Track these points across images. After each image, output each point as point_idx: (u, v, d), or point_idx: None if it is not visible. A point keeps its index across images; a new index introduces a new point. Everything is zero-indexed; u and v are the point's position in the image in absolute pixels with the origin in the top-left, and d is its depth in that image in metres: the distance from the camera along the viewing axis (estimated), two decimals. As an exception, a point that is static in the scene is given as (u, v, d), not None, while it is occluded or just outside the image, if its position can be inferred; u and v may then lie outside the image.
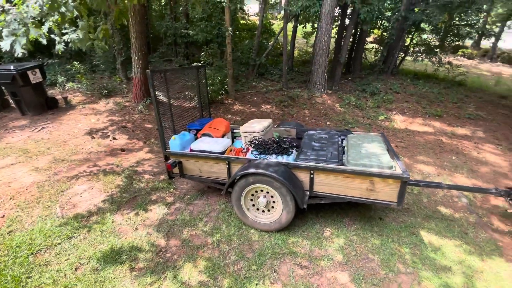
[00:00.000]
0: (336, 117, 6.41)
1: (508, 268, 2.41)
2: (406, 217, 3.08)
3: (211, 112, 6.48)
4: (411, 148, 5.10)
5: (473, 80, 9.91)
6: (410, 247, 2.61)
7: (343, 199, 2.59)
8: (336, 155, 2.71)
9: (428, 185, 2.83)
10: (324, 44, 6.94)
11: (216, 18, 9.75)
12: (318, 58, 7.16)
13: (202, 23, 9.46)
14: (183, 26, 10.55)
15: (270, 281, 2.18)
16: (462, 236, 2.80)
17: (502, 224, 3.04)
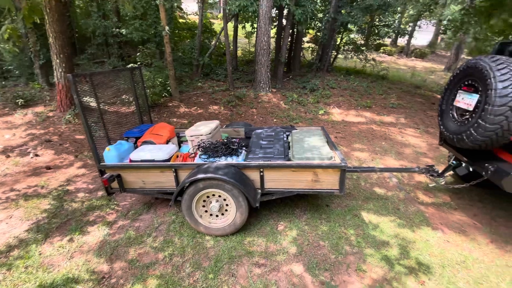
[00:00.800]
0: (281, 114, 6.66)
1: (435, 235, 2.82)
2: (349, 201, 3.37)
3: (153, 116, 6.07)
4: (348, 137, 5.61)
5: (393, 74, 11.43)
6: (354, 228, 2.86)
7: (292, 192, 2.69)
8: (283, 151, 2.80)
9: (364, 170, 3.14)
10: (264, 44, 7.12)
11: (151, 16, 9.16)
12: (260, 58, 7.32)
13: (136, 21, 8.78)
14: (115, 25, 9.63)
15: (229, 286, 2.13)
16: (395, 212, 3.19)
17: (426, 197, 3.56)
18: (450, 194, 3.62)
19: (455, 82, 2.93)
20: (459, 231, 2.88)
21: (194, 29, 11.95)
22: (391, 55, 17.52)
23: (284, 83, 9.07)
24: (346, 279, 2.23)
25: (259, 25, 7.06)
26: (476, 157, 2.81)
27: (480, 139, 2.51)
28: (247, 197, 2.44)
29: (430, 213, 3.20)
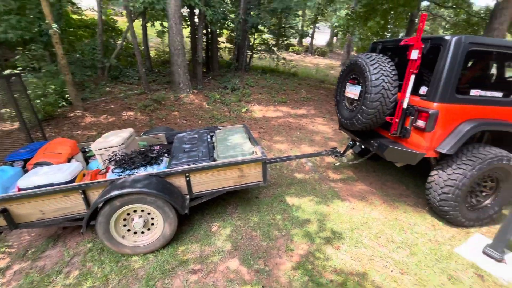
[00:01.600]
0: (206, 115, 6.60)
1: (344, 205, 3.34)
2: (275, 189, 3.65)
3: (50, 131, 5.09)
4: (269, 131, 6.02)
5: (302, 71, 12.80)
6: (281, 213, 3.12)
7: (221, 192, 2.73)
8: (207, 152, 2.80)
9: (282, 159, 3.45)
10: (178, 44, 6.87)
11: (33, 11, 7.55)
12: (176, 58, 7.03)
13: (11, 17, 7.08)
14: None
15: (164, 301, 2.03)
16: (313, 191, 3.63)
17: (335, 174, 4.17)
18: (352, 169, 4.35)
19: (344, 76, 3.51)
20: (361, 198, 3.51)
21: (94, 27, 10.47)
22: (298, 54, 19.53)
23: (205, 83, 8.98)
24: (277, 261, 2.43)
25: (170, 25, 6.75)
26: (365, 137, 3.46)
27: (365, 122, 3.10)
28: (174, 205, 2.35)
29: (339, 187, 3.77)
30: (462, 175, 2.68)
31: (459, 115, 2.69)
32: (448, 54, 2.56)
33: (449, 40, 2.57)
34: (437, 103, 2.65)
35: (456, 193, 2.73)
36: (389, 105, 2.94)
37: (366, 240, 2.73)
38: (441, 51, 2.63)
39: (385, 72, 2.89)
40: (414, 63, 2.70)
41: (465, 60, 2.57)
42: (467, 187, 2.73)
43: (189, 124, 6.12)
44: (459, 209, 2.81)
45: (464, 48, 2.53)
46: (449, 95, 2.61)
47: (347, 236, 2.78)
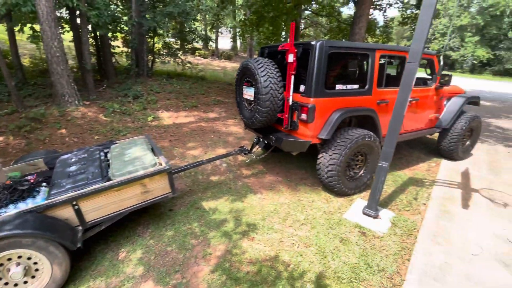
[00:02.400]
0: (103, 129, 5.84)
1: (256, 197, 3.57)
2: (190, 197, 3.59)
3: None
4: (182, 138, 5.85)
5: (210, 74, 12.91)
6: (197, 220, 3.09)
7: (124, 213, 2.50)
8: (99, 172, 2.50)
9: (193, 165, 3.43)
10: (55, 50, 5.79)
11: None
12: (56, 67, 5.91)
13: None
14: None
15: None
16: (228, 191, 3.74)
17: (248, 171, 4.41)
18: (262, 163, 4.71)
19: (239, 79, 3.75)
20: (270, 188, 3.84)
21: None
22: (205, 57, 19.58)
23: (101, 93, 7.91)
24: (195, 269, 2.41)
25: (43, 29, 5.61)
26: (266, 132, 3.80)
27: (262, 119, 3.40)
28: (61, 242, 2.00)
29: (252, 182, 4.02)
30: (339, 154, 3.29)
31: (330, 107, 3.28)
32: (315, 56, 3.08)
33: (314, 45, 3.10)
34: (312, 98, 3.16)
35: (337, 170, 3.33)
36: (279, 103, 3.31)
37: (276, 225, 3.02)
38: (310, 55, 3.14)
39: (271, 74, 3.24)
40: (292, 66, 3.13)
41: (328, 60, 3.15)
42: (344, 163, 3.37)
43: (83, 142, 5.29)
44: (342, 181, 3.45)
45: (326, 51, 3.10)
46: (320, 90, 3.15)
47: (260, 225, 3.00)
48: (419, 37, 2.40)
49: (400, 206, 3.48)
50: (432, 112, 4.57)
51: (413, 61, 2.48)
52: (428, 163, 5.01)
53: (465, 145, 5.16)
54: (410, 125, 4.31)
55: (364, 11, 7.53)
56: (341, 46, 3.27)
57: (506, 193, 3.94)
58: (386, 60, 3.70)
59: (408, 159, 5.12)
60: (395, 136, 2.76)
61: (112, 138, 5.51)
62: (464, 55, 34.39)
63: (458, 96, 4.85)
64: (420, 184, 4.14)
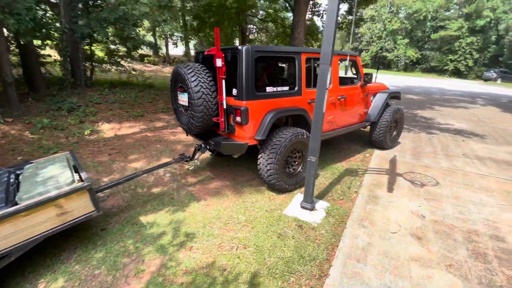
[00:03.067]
0: (28, 147, 5.20)
1: (199, 205, 3.51)
2: (127, 213, 3.37)
3: None
4: (123, 150, 5.49)
5: (160, 81, 12.43)
6: (133, 237, 2.92)
7: (39, 240, 2.24)
8: (3, 198, 2.21)
9: (126, 179, 3.24)
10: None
11: None
12: (-40, 81, 5.11)
13: None
14: None
15: None
16: (170, 202, 3.61)
17: (194, 178, 4.31)
18: (210, 168, 4.66)
19: (173, 85, 3.67)
20: (215, 194, 3.81)
21: None
22: (156, 64, 18.82)
23: (28, 107, 7.09)
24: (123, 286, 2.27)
25: None
26: (206, 137, 3.77)
27: (198, 125, 3.38)
28: None
29: (197, 189, 3.95)
30: (275, 153, 3.41)
31: (262, 108, 3.39)
32: (242, 61, 3.16)
33: (241, 49, 3.18)
34: (245, 101, 3.23)
35: (275, 168, 3.45)
36: (213, 108, 3.32)
37: (217, 230, 3.00)
38: (238, 59, 3.22)
39: (202, 79, 3.24)
40: (221, 70, 3.17)
41: (255, 64, 3.26)
42: (282, 161, 3.50)
43: (3, 164, 4.64)
44: (281, 179, 3.58)
45: (252, 55, 3.20)
46: (251, 93, 3.24)
47: (200, 233, 2.95)
48: (327, 40, 2.62)
49: (335, 196, 3.73)
50: (360, 107, 5.02)
51: (324, 62, 2.70)
52: (363, 154, 5.49)
53: (392, 135, 5.77)
54: (342, 121, 4.68)
55: (301, 17, 8.00)
56: (267, 50, 3.41)
57: (424, 174, 4.50)
58: (312, 62, 3.96)
59: (346, 152, 5.54)
60: (318, 132, 2.96)
61: (39, 157, 4.94)
62: (397, 56, 38.69)
63: (382, 92, 5.41)
64: (354, 173, 4.50)
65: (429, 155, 5.50)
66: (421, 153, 5.58)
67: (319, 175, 4.41)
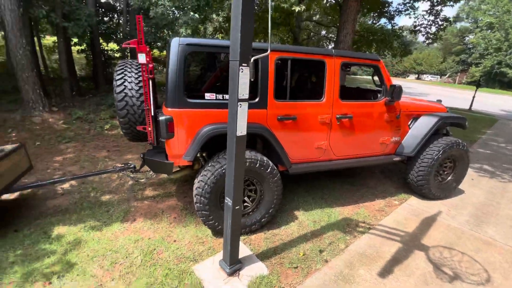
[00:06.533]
0: (50, 135, 5.81)
1: (120, 227, 2.95)
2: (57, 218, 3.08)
3: None
4: (123, 149, 5.51)
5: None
6: (25, 248, 2.57)
7: None
8: None
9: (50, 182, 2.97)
10: (21, 57, 6.05)
11: None
12: (21, 74, 6.17)
13: None
14: None
15: None
16: (100, 216, 3.16)
17: (154, 191, 3.79)
18: (178, 183, 4.07)
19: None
20: (152, 217, 3.17)
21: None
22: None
23: (84, 101, 8.18)
24: None
25: (9, 38, 5.94)
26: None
27: (125, 131, 2.84)
28: None
29: (138, 207, 3.40)
30: (204, 182, 2.52)
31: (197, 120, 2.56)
32: (169, 56, 2.44)
33: (169, 41, 2.47)
34: (170, 108, 2.50)
35: (203, 201, 2.56)
36: (138, 113, 2.72)
37: (98, 269, 2.35)
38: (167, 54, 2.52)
39: (129, 78, 2.69)
40: (146, 68, 2.54)
41: (187, 62, 2.48)
42: (215, 194, 2.58)
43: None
44: (214, 216, 2.65)
45: (183, 50, 2.43)
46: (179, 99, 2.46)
47: (78, 267, 2.36)
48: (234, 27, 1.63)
49: (289, 260, 2.53)
50: (384, 133, 3.49)
51: (235, 58, 1.70)
52: (390, 200, 3.84)
53: (444, 181, 3.87)
54: (346, 150, 3.31)
55: (349, 16, 6.59)
56: (206, 44, 2.58)
57: (471, 257, 2.68)
58: (291, 64, 2.85)
59: (367, 191, 4.01)
60: (232, 163, 1.94)
61: (51, 145, 5.43)
62: (525, 72, 29.45)
63: (428, 115, 3.68)
64: (350, 228, 3.08)
65: (504, 222, 3.40)
66: (490, 216, 3.52)
67: (296, 217, 3.20)
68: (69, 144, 5.52)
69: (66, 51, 7.75)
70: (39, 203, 3.43)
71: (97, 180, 4.06)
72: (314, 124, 2.95)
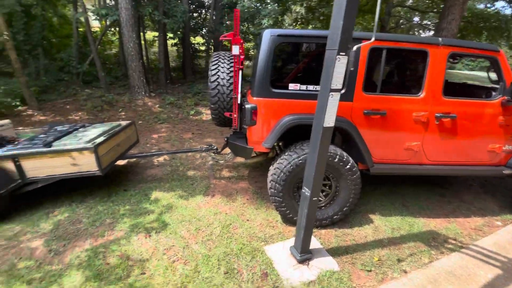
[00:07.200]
0: (149, 116, 6.89)
1: (202, 200, 3.34)
2: (150, 183, 3.73)
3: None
4: (204, 133, 6.13)
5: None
6: (132, 205, 3.20)
7: (55, 178, 2.91)
8: (47, 141, 2.98)
9: (150, 155, 3.56)
10: (131, 49, 7.31)
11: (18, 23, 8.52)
12: (131, 63, 7.48)
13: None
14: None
15: None
16: (186, 187, 3.66)
17: (229, 173, 4.15)
18: (250, 168, 4.32)
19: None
20: (227, 195, 3.48)
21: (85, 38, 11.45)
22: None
23: (174, 88, 9.38)
24: (78, 244, 2.52)
25: (123, 32, 7.24)
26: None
27: (214, 117, 3.17)
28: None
29: (216, 184, 3.77)
30: (280, 169, 2.61)
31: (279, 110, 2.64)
32: (260, 47, 2.57)
33: (262, 33, 2.58)
34: (255, 97, 2.65)
35: (277, 188, 2.66)
36: (227, 100, 2.97)
37: (185, 232, 2.73)
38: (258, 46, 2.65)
39: (222, 68, 2.96)
40: (238, 59, 2.74)
41: (276, 53, 2.56)
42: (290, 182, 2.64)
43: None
44: (287, 204, 2.72)
45: (273, 41, 2.52)
46: (264, 89, 2.58)
47: (169, 227, 2.79)
48: (337, 11, 1.59)
49: (362, 261, 2.41)
50: (494, 140, 2.90)
51: (332, 47, 1.67)
52: (491, 219, 3.22)
53: None
54: (443, 154, 2.90)
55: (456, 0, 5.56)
56: (296, 35, 2.59)
57: None
58: (384, 55, 2.61)
59: (461, 205, 3.45)
60: (315, 155, 1.94)
61: (149, 124, 6.45)
62: None
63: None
64: (436, 242, 2.72)
65: None
66: None
67: (371, 220, 3.02)
68: (162, 124, 6.46)
69: (164, 44, 8.97)
70: (141, 171, 4.17)
71: (184, 157, 4.66)
72: (406, 122, 2.67)
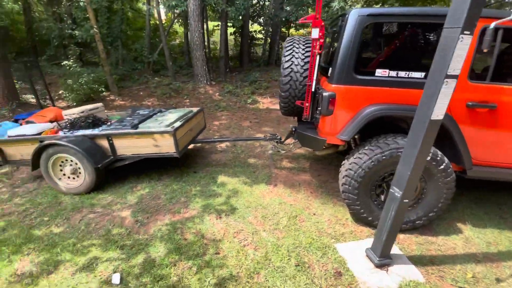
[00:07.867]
0: (211, 103, 7.20)
1: (265, 188, 3.36)
2: (216, 168, 3.90)
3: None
4: (262, 122, 6.16)
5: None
6: (201, 186, 3.39)
7: (140, 157, 3.23)
8: (136, 124, 3.32)
9: (217, 140, 3.69)
10: (196, 39, 7.66)
11: (103, 17, 9.68)
12: (195, 53, 7.86)
13: (85, 23, 9.28)
14: (69, 27, 10.13)
15: (57, 225, 2.66)
16: (249, 174, 3.72)
17: (288, 163, 4.09)
18: (311, 160, 4.18)
19: (281, 61, 3.47)
20: (290, 186, 3.42)
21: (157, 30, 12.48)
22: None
23: (232, 77, 9.63)
24: (159, 217, 2.77)
25: (189, 22, 7.60)
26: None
27: (283, 105, 3.08)
28: (88, 160, 2.96)
29: (278, 174, 3.74)
30: (359, 165, 2.42)
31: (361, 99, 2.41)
32: (344, 29, 2.35)
33: (347, 13, 2.36)
34: (334, 84, 2.46)
35: (352, 184, 2.48)
36: (299, 88, 2.86)
37: (251, 217, 2.76)
38: (341, 28, 2.43)
39: (296, 54, 2.84)
40: (317, 43, 2.57)
41: (363, 35, 2.31)
42: (368, 179, 2.43)
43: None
44: (362, 204, 2.53)
45: (360, 22, 2.27)
46: (346, 75, 2.37)
47: (238, 211, 2.86)
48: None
49: (452, 276, 2.11)
50: None
51: (454, 24, 1.39)
52: None
53: None
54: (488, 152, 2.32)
55: None
56: (391, 13, 2.27)
57: None
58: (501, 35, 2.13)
59: None
60: (415, 150, 1.71)
61: (212, 110, 6.74)
62: None
63: None
64: (551, 269, 2.22)
65: None
66: None
67: (460, 230, 2.62)
68: (223, 112, 6.69)
69: (225, 33, 9.18)
70: (206, 155, 4.38)
71: (244, 144, 4.74)
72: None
